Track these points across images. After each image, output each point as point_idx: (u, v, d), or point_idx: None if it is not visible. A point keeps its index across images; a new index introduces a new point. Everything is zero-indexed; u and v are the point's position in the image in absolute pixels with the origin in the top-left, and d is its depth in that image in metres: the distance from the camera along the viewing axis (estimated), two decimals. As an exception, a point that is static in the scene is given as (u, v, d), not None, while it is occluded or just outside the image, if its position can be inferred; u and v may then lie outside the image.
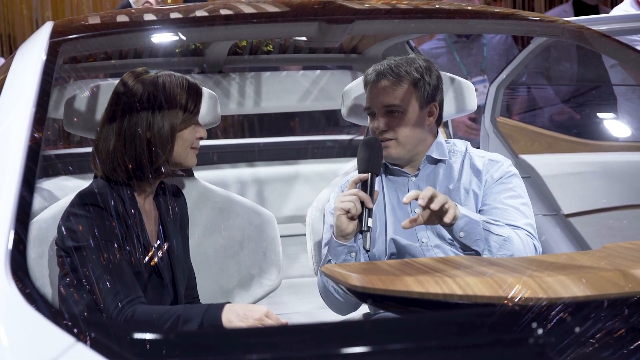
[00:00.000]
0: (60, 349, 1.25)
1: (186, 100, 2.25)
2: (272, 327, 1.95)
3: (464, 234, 2.22)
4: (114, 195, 2.20)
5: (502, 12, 2.68)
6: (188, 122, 2.26)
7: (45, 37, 2.00)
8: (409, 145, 2.43)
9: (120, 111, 2.23)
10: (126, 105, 2.22)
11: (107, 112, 2.27)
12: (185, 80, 2.28)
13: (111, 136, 2.21)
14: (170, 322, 2.04)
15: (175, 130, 2.23)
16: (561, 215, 3.36)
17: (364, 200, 2.26)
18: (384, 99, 2.42)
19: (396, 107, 2.41)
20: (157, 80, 2.25)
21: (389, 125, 2.41)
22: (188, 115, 2.25)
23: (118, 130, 2.21)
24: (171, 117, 2.22)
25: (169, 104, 2.23)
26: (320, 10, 2.30)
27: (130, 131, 2.20)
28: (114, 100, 2.26)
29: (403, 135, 2.41)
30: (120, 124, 2.21)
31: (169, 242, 2.32)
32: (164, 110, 2.22)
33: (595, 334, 1.33)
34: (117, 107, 2.24)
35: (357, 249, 2.33)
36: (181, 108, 2.24)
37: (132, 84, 2.24)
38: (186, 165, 2.31)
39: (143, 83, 2.24)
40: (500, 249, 2.23)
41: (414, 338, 1.35)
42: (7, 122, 1.67)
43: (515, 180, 2.44)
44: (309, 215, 2.68)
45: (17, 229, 1.40)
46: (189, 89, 2.27)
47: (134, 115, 2.21)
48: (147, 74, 2.28)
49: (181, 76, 2.29)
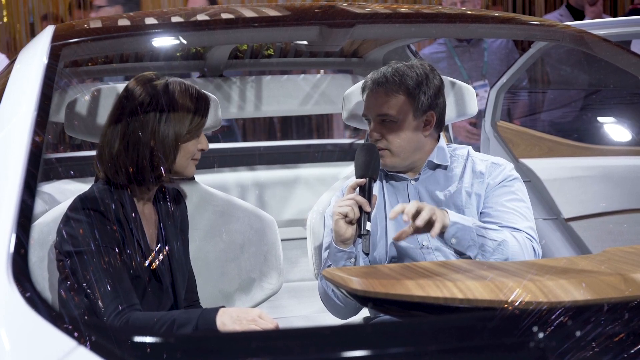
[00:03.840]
0: (61, 352, 1.25)
1: (195, 111, 2.23)
2: (274, 331, 1.95)
3: (455, 240, 2.22)
4: (113, 200, 2.19)
5: (502, 16, 2.69)
6: (193, 133, 2.24)
7: (47, 40, 2.00)
8: (403, 155, 2.42)
9: (127, 115, 2.20)
10: (133, 109, 2.20)
11: (113, 114, 2.24)
12: (195, 90, 2.25)
13: (115, 139, 2.20)
14: (165, 327, 2.05)
15: (180, 140, 2.21)
16: (561, 219, 3.36)
17: (361, 204, 2.26)
18: (378, 108, 2.41)
19: (389, 116, 2.39)
20: (167, 87, 2.22)
21: (383, 134, 2.41)
22: (195, 126, 2.23)
23: (123, 134, 2.19)
24: (177, 126, 2.20)
25: (176, 113, 2.20)
26: (321, 14, 2.30)
27: (135, 136, 2.18)
28: (121, 102, 2.24)
29: (396, 145, 2.40)
30: (126, 128, 2.20)
31: (168, 246, 2.31)
32: (171, 119, 2.20)
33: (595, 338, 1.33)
34: (124, 111, 2.21)
35: (357, 254, 2.34)
36: (188, 118, 2.22)
37: (141, 89, 2.22)
38: (185, 175, 2.30)
39: (152, 89, 2.22)
40: (494, 254, 2.23)
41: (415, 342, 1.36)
42: (8, 125, 1.68)
43: (517, 184, 2.44)
44: (310, 219, 2.68)
45: (19, 233, 1.40)
46: (198, 100, 2.25)
47: (140, 120, 2.19)
48: (157, 79, 2.25)
49: (191, 85, 2.26)
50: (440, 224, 2.16)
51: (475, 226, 2.25)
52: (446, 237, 2.23)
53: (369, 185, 2.31)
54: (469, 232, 2.23)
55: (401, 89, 2.40)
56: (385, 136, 2.40)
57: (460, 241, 2.22)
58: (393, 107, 2.39)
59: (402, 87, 2.39)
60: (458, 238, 2.22)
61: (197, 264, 2.52)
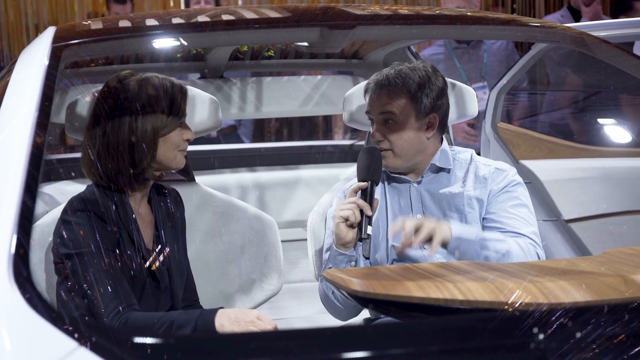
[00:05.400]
0: (62, 352, 1.25)
1: (170, 102, 2.22)
2: (274, 332, 1.95)
3: (458, 253, 2.22)
4: (106, 200, 2.19)
5: (503, 18, 2.69)
6: (173, 124, 2.23)
7: (48, 42, 2.01)
8: (405, 157, 2.42)
9: (105, 115, 2.20)
10: (110, 109, 2.19)
11: (91, 118, 2.24)
12: (169, 81, 2.24)
13: (96, 141, 2.20)
14: (163, 328, 2.05)
15: (159, 134, 2.20)
16: (562, 220, 3.36)
17: (363, 208, 2.26)
18: (381, 108, 2.41)
19: (392, 118, 2.39)
20: (140, 83, 2.22)
21: (385, 135, 2.40)
22: (173, 117, 2.22)
23: (102, 135, 2.19)
24: (154, 120, 2.19)
25: (151, 106, 2.19)
26: (322, 15, 2.30)
27: (114, 136, 2.18)
28: (98, 104, 2.23)
29: (399, 147, 2.40)
30: (104, 129, 2.19)
31: (165, 246, 2.31)
32: (147, 113, 2.19)
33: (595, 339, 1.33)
34: (102, 111, 2.21)
35: (357, 258, 2.34)
36: (165, 111, 2.21)
37: (115, 88, 2.22)
38: (174, 167, 2.28)
39: (126, 86, 2.21)
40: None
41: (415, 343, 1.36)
42: (9, 127, 1.68)
43: (520, 189, 2.44)
44: (310, 220, 2.68)
45: (19, 234, 1.40)
46: (173, 91, 2.23)
47: (117, 119, 2.18)
48: (131, 76, 2.24)
49: (165, 78, 2.26)
50: (439, 241, 2.16)
51: (478, 239, 2.24)
52: (449, 251, 2.22)
53: (371, 189, 2.31)
54: (472, 245, 2.22)
55: (404, 91, 2.39)
56: (388, 137, 2.40)
57: (463, 255, 2.22)
58: (396, 108, 2.39)
59: (405, 89, 2.39)
60: (461, 251, 2.21)
61: (197, 264, 2.52)
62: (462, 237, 2.21)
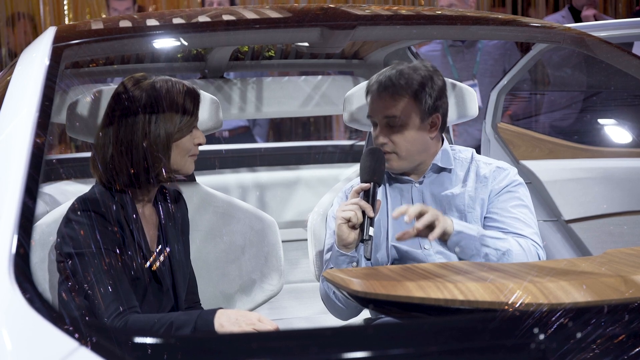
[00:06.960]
0: (62, 352, 1.25)
1: (183, 106, 2.22)
2: (274, 332, 1.95)
3: (459, 249, 2.22)
4: (113, 201, 2.19)
5: (503, 18, 2.69)
6: (186, 129, 2.23)
7: (48, 42, 2.01)
8: (410, 158, 2.41)
9: (118, 118, 2.20)
10: (124, 111, 2.20)
11: (105, 119, 2.25)
12: (183, 85, 2.25)
13: (109, 143, 2.20)
14: (163, 329, 2.05)
15: (172, 138, 2.21)
16: (562, 221, 3.36)
17: (365, 209, 2.25)
18: (384, 111, 2.39)
19: (396, 119, 2.37)
20: (154, 86, 2.22)
21: (389, 137, 2.39)
22: (186, 122, 2.23)
23: (115, 137, 2.19)
24: (168, 124, 2.20)
25: (165, 111, 2.20)
26: (323, 16, 2.30)
27: (127, 139, 2.18)
28: (111, 106, 2.24)
29: (403, 149, 2.39)
30: (118, 131, 2.19)
31: (169, 248, 2.31)
32: (161, 118, 2.19)
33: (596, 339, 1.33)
34: (115, 114, 2.21)
35: (359, 258, 2.33)
36: (178, 115, 2.21)
37: (130, 90, 2.22)
38: (184, 172, 2.29)
39: (140, 89, 2.21)
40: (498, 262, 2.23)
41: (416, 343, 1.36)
42: (10, 127, 1.68)
43: (521, 189, 2.43)
44: (311, 221, 2.68)
45: (20, 234, 1.40)
46: (186, 95, 2.24)
47: (131, 122, 2.18)
48: (145, 80, 2.25)
49: (179, 81, 2.26)
50: (441, 229, 2.15)
51: (479, 235, 2.24)
52: (450, 246, 2.22)
53: (374, 190, 2.30)
54: (473, 241, 2.22)
55: (407, 92, 2.38)
56: (392, 139, 2.39)
57: (464, 250, 2.22)
58: (400, 109, 2.38)
59: (408, 90, 2.38)
60: (462, 247, 2.21)
61: (198, 265, 2.53)
62: (464, 232, 2.21)
